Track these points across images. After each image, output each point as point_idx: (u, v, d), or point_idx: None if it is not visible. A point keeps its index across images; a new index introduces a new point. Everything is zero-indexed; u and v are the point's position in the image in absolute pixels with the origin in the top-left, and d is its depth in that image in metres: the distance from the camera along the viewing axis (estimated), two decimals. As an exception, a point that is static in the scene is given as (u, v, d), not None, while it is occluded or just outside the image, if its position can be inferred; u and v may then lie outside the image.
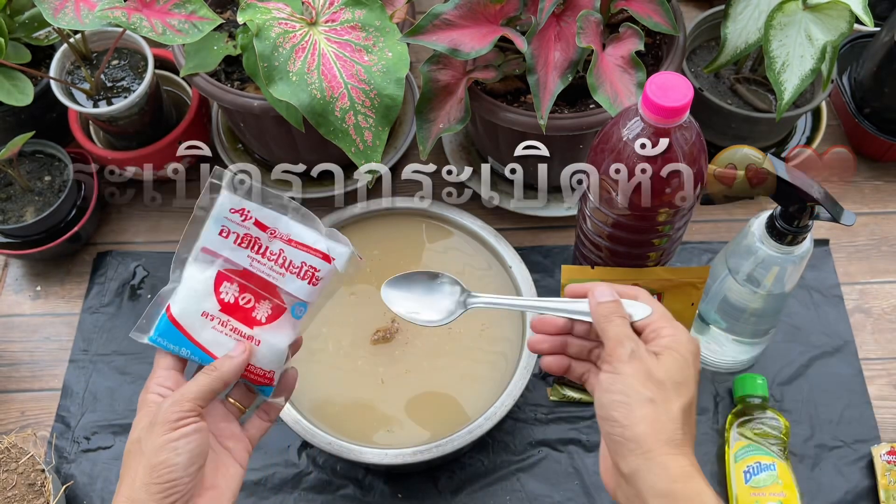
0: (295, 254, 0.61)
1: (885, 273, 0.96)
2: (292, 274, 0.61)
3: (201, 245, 0.61)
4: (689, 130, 0.63)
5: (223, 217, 0.60)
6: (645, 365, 0.54)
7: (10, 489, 0.82)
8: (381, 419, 0.80)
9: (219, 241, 0.60)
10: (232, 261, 0.61)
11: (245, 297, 0.61)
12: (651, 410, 0.52)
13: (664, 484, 0.50)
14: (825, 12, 0.81)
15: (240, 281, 0.61)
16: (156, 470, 0.54)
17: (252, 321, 0.61)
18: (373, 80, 0.75)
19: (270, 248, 0.61)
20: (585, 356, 0.61)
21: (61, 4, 0.79)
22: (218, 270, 0.61)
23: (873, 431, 0.85)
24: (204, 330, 0.60)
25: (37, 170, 0.97)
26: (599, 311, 0.58)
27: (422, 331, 0.84)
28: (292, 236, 0.61)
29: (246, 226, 0.60)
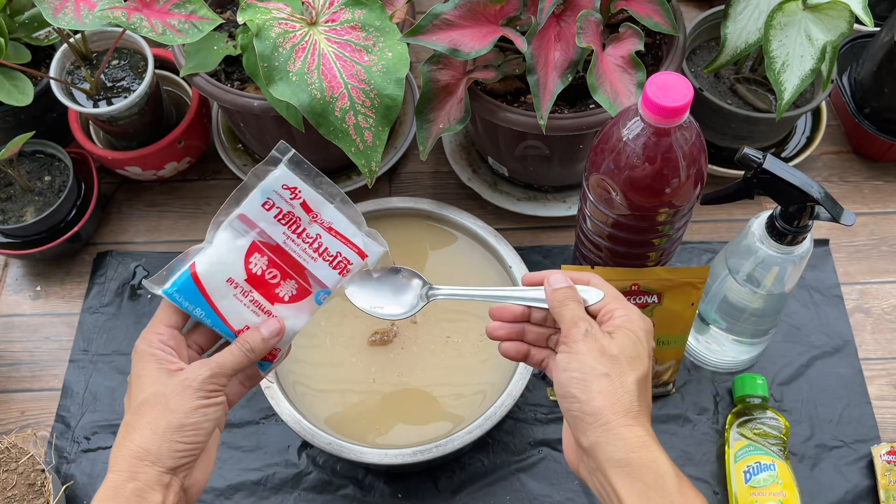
0: (332, 242, 0.62)
1: (884, 273, 0.96)
2: (325, 261, 0.62)
3: (241, 212, 0.60)
4: (689, 130, 0.63)
5: (272, 190, 0.60)
6: (599, 343, 0.56)
7: (10, 489, 0.82)
8: (381, 419, 0.80)
9: (259, 212, 0.60)
10: (267, 234, 0.60)
11: (272, 273, 0.61)
12: (607, 384, 0.54)
13: (622, 454, 0.53)
14: (825, 12, 0.81)
15: (270, 256, 0.61)
16: (184, 430, 0.55)
17: (274, 297, 0.61)
18: (373, 80, 0.75)
19: (309, 230, 0.61)
20: (543, 343, 0.64)
21: (61, 4, 0.79)
22: (252, 241, 0.60)
23: (873, 431, 0.85)
24: (225, 296, 0.60)
25: (37, 170, 0.97)
26: (555, 296, 0.60)
27: (420, 335, 0.84)
28: (333, 225, 0.62)
29: (293, 204, 0.60)
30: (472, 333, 0.84)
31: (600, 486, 0.55)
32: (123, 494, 0.54)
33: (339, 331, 0.84)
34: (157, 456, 0.55)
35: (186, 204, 1.04)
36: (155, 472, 0.54)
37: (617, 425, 0.53)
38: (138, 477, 0.54)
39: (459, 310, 0.85)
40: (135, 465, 0.54)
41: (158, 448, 0.55)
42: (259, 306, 0.61)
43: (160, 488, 0.54)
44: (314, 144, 0.89)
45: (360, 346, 0.83)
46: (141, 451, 0.55)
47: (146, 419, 0.56)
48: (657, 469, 0.52)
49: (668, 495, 0.52)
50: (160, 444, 0.55)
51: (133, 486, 0.54)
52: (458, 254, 0.88)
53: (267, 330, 0.60)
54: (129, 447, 0.55)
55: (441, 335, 0.84)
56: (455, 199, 1.01)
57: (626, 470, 0.52)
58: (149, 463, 0.54)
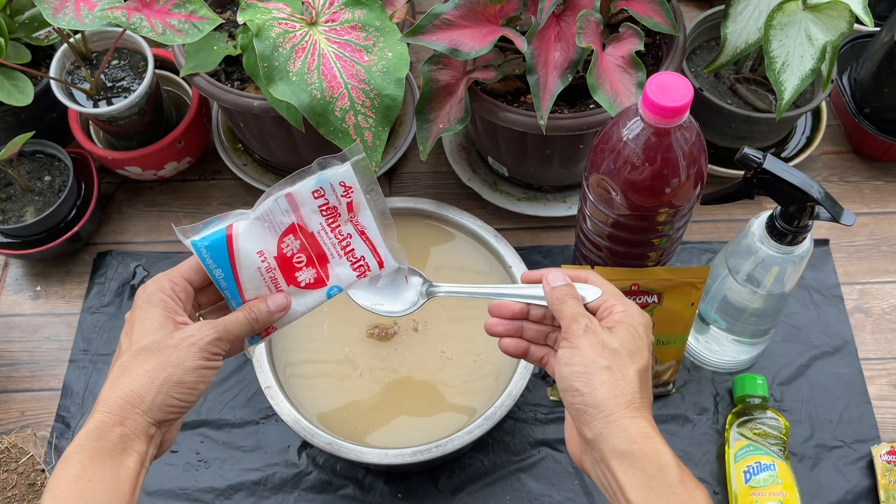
0: (360, 245, 0.64)
1: (884, 273, 0.96)
2: (349, 261, 0.64)
3: (290, 191, 0.61)
4: (689, 130, 0.63)
5: (328, 182, 0.61)
6: (599, 337, 0.57)
7: (10, 489, 0.82)
8: (381, 419, 0.80)
9: (307, 197, 0.61)
10: (305, 220, 0.62)
11: (300, 258, 0.62)
12: (609, 376, 0.55)
13: (624, 444, 0.53)
14: (825, 12, 0.81)
15: (303, 241, 0.62)
16: (181, 386, 0.56)
17: (292, 280, 0.63)
18: (373, 80, 0.75)
19: (343, 228, 0.63)
20: (542, 340, 0.65)
21: (61, 4, 0.79)
22: (293, 222, 0.61)
23: (873, 431, 0.85)
24: (249, 266, 0.60)
25: (37, 170, 0.97)
26: (553, 294, 0.61)
27: (421, 332, 0.84)
28: (366, 230, 0.64)
29: (340, 200, 0.62)
30: (472, 331, 0.84)
31: (603, 478, 0.55)
32: (109, 438, 0.53)
33: (341, 319, 0.84)
34: (150, 406, 0.54)
35: (186, 204, 1.04)
36: (143, 422, 0.54)
37: (619, 417, 0.54)
38: (126, 423, 0.54)
39: (461, 315, 0.85)
40: (125, 409, 0.54)
41: (153, 398, 0.55)
42: (276, 284, 0.62)
43: (145, 438, 0.55)
44: (314, 144, 0.89)
45: (360, 346, 0.83)
46: (135, 397, 0.54)
47: (145, 367, 0.55)
48: (659, 460, 0.53)
49: (670, 486, 0.52)
50: (155, 394, 0.55)
51: (120, 431, 0.54)
52: (458, 253, 0.88)
53: (273, 304, 0.61)
54: (123, 390, 0.55)
55: (441, 334, 0.83)
56: (455, 198, 1.01)
57: (629, 461, 0.53)
58: (140, 411, 0.54)
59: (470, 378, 0.82)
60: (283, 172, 1.01)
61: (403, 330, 0.84)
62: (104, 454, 0.53)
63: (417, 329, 0.84)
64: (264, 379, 0.79)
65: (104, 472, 0.53)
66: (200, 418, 0.88)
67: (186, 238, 0.60)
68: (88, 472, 0.52)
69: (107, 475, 0.53)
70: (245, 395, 0.89)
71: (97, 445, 0.53)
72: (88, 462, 0.53)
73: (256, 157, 1.03)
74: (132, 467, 0.54)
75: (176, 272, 0.60)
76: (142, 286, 0.59)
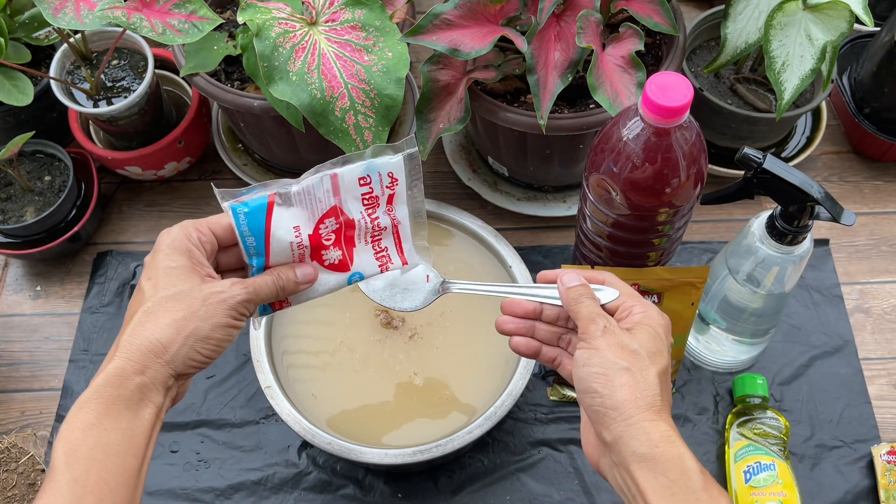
0: (389, 239, 0.63)
1: (884, 273, 0.96)
2: (374, 251, 0.63)
3: (337, 172, 0.59)
4: (689, 130, 0.63)
5: (377, 171, 0.60)
6: (618, 338, 0.56)
7: (10, 489, 0.82)
8: (381, 419, 0.80)
9: (352, 183, 0.60)
10: (346, 205, 0.60)
11: (330, 238, 0.61)
12: (629, 378, 0.54)
13: (646, 448, 0.52)
14: (825, 12, 0.81)
15: (342, 224, 0.61)
16: (207, 341, 0.54)
17: (318, 257, 0.61)
18: (373, 80, 0.75)
19: (381, 220, 0.62)
20: (555, 342, 0.64)
21: (61, 4, 0.79)
22: (335, 205, 0.60)
23: (873, 431, 0.85)
24: (283, 240, 0.59)
25: (37, 170, 0.97)
26: (569, 294, 0.60)
27: (421, 332, 0.84)
28: (400, 226, 0.63)
29: (384, 190, 0.61)
30: (474, 328, 0.84)
31: (622, 482, 0.54)
32: (128, 386, 0.51)
33: (341, 319, 0.84)
34: (173, 357, 0.53)
35: (186, 204, 1.04)
36: (164, 372, 0.53)
37: (640, 419, 0.53)
38: (147, 372, 0.52)
39: (461, 315, 0.85)
40: (148, 358, 0.52)
41: (177, 349, 0.53)
42: (302, 259, 0.61)
43: (163, 390, 0.53)
44: (314, 144, 0.89)
45: (358, 338, 0.83)
46: (159, 345, 0.52)
47: (172, 315, 0.53)
48: (682, 465, 0.52)
49: (693, 491, 0.51)
50: (180, 346, 0.53)
51: (139, 380, 0.52)
52: (458, 253, 0.88)
53: (302, 273, 0.60)
54: (147, 337, 0.52)
55: (441, 329, 0.83)
56: (455, 198, 1.01)
57: (650, 464, 0.52)
58: (163, 361, 0.52)
59: (470, 378, 0.82)
60: (283, 172, 1.01)
61: (404, 330, 0.84)
62: (122, 403, 0.51)
63: (417, 329, 0.84)
64: (264, 379, 0.79)
65: (120, 422, 0.51)
66: (200, 418, 0.88)
67: (225, 201, 0.57)
68: (104, 421, 0.50)
69: (123, 425, 0.51)
70: (245, 395, 0.89)
71: (115, 393, 0.51)
72: (104, 410, 0.51)
73: (256, 157, 1.03)
74: (148, 418, 0.52)
75: (204, 223, 0.58)
76: (166, 230, 0.57)
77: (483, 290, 0.66)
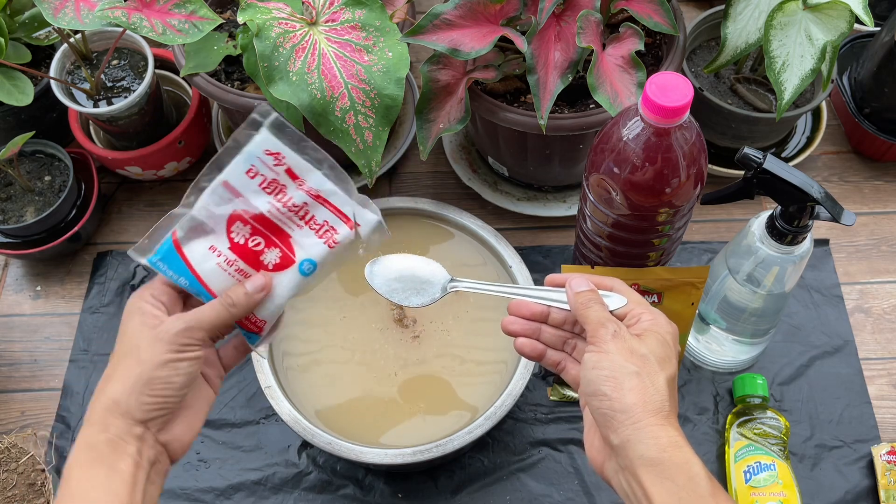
0: (319, 210, 0.59)
1: (885, 273, 0.96)
2: (312, 230, 0.59)
3: (224, 178, 0.58)
4: (689, 130, 0.63)
5: (255, 156, 0.57)
6: (628, 343, 0.56)
7: (10, 489, 0.82)
8: (381, 418, 0.80)
9: (244, 180, 0.58)
10: (251, 203, 0.58)
11: (255, 240, 0.59)
12: (638, 382, 0.54)
13: (653, 452, 0.52)
14: (825, 12, 0.81)
15: (254, 224, 0.58)
16: (152, 384, 0.55)
17: (259, 265, 0.59)
18: (373, 80, 0.75)
19: (295, 198, 0.58)
20: (560, 346, 0.63)
21: (61, 4, 0.79)
22: (234, 210, 0.58)
23: (873, 431, 0.85)
24: (207, 264, 0.58)
25: (37, 170, 0.97)
26: (577, 299, 0.60)
27: (421, 332, 0.84)
28: (321, 193, 0.59)
29: (276, 171, 0.58)
30: (475, 327, 0.84)
31: (628, 486, 0.54)
32: (97, 446, 0.54)
33: (341, 318, 0.84)
34: (127, 408, 0.54)
35: (186, 204, 1.04)
36: (125, 424, 0.54)
37: (648, 423, 0.53)
38: (109, 429, 0.54)
39: (462, 314, 0.85)
40: (106, 417, 0.54)
41: (127, 400, 0.54)
42: (244, 274, 0.59)
43: (132, 439, 0.54)
44: (314, 144, 0.89)
45: (358, 338, 0.83)
46: (111, 403, 0.55)
47: (119, 371, 0.55)
48: (690, 470, 0.52)
49: (701, 497, 0.51)
50: (129, 395, 0.54)
51: (105, 437, 0.54)
52: (457, 253, 0.88)
53: (251, 284, 0.58)
54: (102, 400, 0.55)
55: (443, 331, 0.83)
56: (455, 198, 1.01)
57: (658, 469, 0.52)
58: (118, 415, 0.54)
59: (470, 378, 0.82)
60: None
61: (407, 331, 0.84)
62: (97, 463, 0.53)
63: (419, 330, 0.84)
64: (264, 379, 0.79)
65: (97, 479, 0.53)
66: (200, 418, 0.88)
67: (143, 258, 0.58)
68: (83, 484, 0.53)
69: (100, 481, 0.53)
70: (245, 395, 0.89)
71: (89, 456, 0.54)
72: (84, 474, 0.53)
73: (256, 157, 1.03)
74: (126, 469, 0.54)
75: (157, 280, 0.59)
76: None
77: (490, 290, 0.66)
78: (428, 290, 0.67)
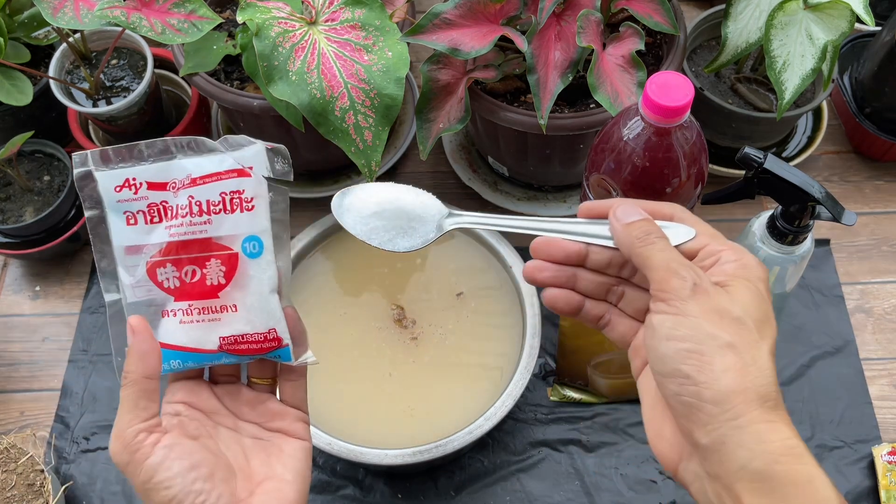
0: (207, 191, 0.50)
1: (886, 273, 0.96)
2: (217, 214, 0.50)
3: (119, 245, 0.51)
4: (690, 130, 0.62)
5: (115, 202, 0.50)
6: (714, 300, 0.41)
7: (9, 489, 0.82)
8: (381, 419, 0.80)
9: (132, 233, 0.51)
10: (154, 244, 0.51)
11: (187, 270, 0.51)
12: (735, 360, 0.40)
13: (761, 463, 0.38)
14: (826, 12, 0.81)
15: (171, 259, 0.51)
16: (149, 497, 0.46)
17: (213, 289, 0.51)
18: (373, 80, 0.74)
19: (179, 202, 0.50)
20: (602, 295, 0.49)
21: (60, 4, 0.79)
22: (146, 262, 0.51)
23: (874, 432, 0.85)
24: (173, 329, 0.51)
25: (36, 169, 0.97)
26: (630, 232, 0.44)
27: (420, 332, 0.83)
28: (193, 174, 0.51)
29: (142, 195, 0.50)
30: (474, 325, 0.84)
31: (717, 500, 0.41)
32: None
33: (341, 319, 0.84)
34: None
35: (186, 204, 1.04)
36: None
37: (753, 420, 0.39)
38: None
39: (462, 315, 0.85)
40: None
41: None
42: (210, 310, 0.51)
43: None
44: (314, 144, 0.89)
45: (357, 338, 0.83)
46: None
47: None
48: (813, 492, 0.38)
49: None
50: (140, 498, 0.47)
51: None
52: (457, 253, 0.88)
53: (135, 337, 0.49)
54: None
55: (442, 327, 0.83)
56: (455, 198, 1.01)
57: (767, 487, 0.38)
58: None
59: (470, 378, 0.81)
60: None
61: (406, 331, 0.84)
62: None
63: (419, 330, 0.84)
64: (264, 379, 0.78)
65: None
66: (200, 418, 0.88)
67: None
68: None
69: None
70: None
71: None
72: None
73: (256, 157, 1.03)
74: None
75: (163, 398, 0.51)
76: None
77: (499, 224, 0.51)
78: (419, 228, 0.51)
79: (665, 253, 0.43)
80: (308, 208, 1.00)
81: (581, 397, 0.87)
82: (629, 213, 0.45)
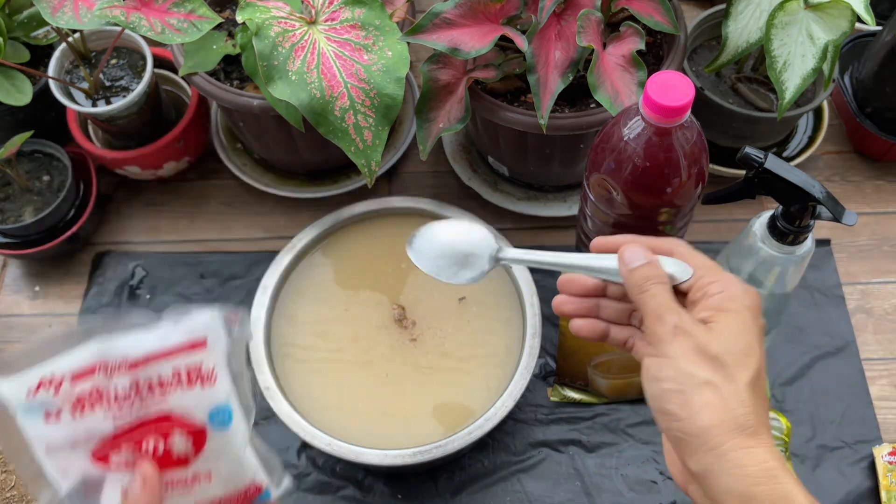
0: (159, 369, 0.45)
1: (886, 273, 0.95)
2: (175, 389, 0.46)
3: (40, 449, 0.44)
4: (690, 130, 0.62)
5: (32, 406, 0.44)
6: (693, 340, 0.46)
7: (8, 490, 0.82)
8: (381, 419, 0.80)
9: (54, 430, 0.44)
10: (92, 433, 0.45)
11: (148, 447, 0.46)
12: (712, 395, 0.44)
13: (741, 486, 0.43)
14: (827, 11, 0.81)
15: (124, 443, 0.46)
16: None
17: (182, 461, 0.47)
18: (373, 80, 0.74)
19: (120, 385, 0.45)
20: (625, 320, 0.53)
21: (59, 3, 0.79)
22: (89, 457, 0.45)
23: (875, 432, 0.85)
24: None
25: (35, 169, 0.97)
26: (632, 279, 0.49)
27: (420, 332, 0.83)
28: (137, 355, 0.45)
29: (66, 392, 0.44)
30: (471, 325, 0.83)
31: None
32: None
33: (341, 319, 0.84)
34: None
35: (185, 204, 1.04)
36: None
37: (731, 448, 0.44)
38: None
39: (462, 314, 0.85)
40: None
41: None
42: (183, 483, 0.47)
43: None
44: (314, 144, 0.89)
45: (357, 337, 0.83)
46: None
47: None
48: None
49: None
50: None
51: None
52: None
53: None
54: None
55: (440, 325, 0.83)
56: (455, 198, 1.00)
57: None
58: None
59: (470, 379, 0.81)
60: (283, 172, 1.01)
61: (406, 332, 0.83)
62: None
63: (419, 331, 0.84)
64: (264, 379, 0.78)
65: None
66: (199, 419, 0.88)
67: None
68: None
69: None
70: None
71: None
72: None
73: (256, 157, 1.03)
74: None
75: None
76: None
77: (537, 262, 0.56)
78: (475, 263, 0.58)
79: (655, 300, 0.48)
80: (308, 208, 1.00)
81: (581, 398, 0.87)
82: (634, 258, 0.50)
